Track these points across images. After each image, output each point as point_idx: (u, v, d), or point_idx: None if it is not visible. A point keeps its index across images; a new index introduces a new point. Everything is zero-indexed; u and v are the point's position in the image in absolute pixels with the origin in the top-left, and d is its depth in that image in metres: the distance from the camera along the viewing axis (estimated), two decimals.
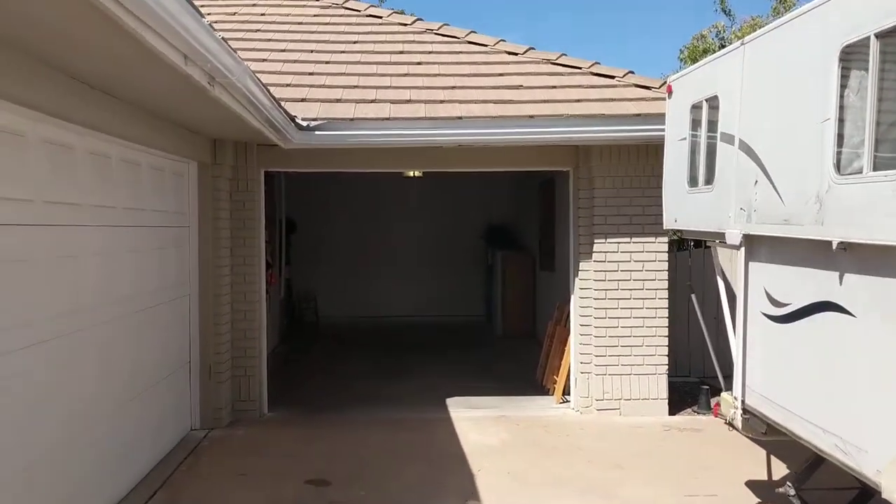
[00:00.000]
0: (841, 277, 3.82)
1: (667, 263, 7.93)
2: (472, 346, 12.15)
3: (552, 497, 5.69)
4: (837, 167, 3.76)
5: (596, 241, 7.83)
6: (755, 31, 12.94)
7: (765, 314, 4.70)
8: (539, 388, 8.97)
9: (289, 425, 7.50)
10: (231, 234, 7.64)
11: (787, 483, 4.86)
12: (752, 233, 4.76)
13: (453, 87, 7.95)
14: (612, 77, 8.27)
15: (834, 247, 3.73)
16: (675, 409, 8.02)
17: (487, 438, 7.04)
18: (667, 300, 7.89)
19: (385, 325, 14.23)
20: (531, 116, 7.25)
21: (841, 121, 3.77)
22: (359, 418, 7.74)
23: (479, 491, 5.74)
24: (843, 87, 3.75)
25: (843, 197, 3.70)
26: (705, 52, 13.84)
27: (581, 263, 7.97)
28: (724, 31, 14.28)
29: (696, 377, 9.46)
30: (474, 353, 11.50)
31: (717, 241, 5.59)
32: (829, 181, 3.79)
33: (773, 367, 4.63)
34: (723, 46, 13.81)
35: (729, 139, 5.06)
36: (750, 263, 4.89)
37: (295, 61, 8.57)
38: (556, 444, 6.98)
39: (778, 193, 4.38)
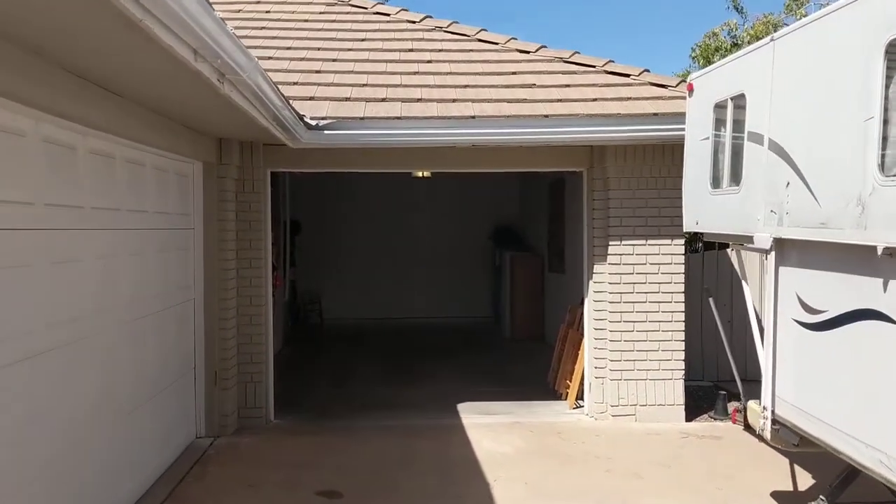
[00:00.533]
0: (885, 284, 3.63)
1: (683, 266, 7.74)
2: (481, 349, 11.96)
3: None
4: (882, 168, 3.57)
5: (611, 243, 7.64)
6: (768, 28, 12.77)
7: (797, 321, 4.51)
8: (551, 392, 8.78)
9: (297, 433, 7.31)
10: (237, 236, 7.44)
11: (821, 497, 4.68)
12: (783, 236, 4.56)
13: (465, 86, 7.76)
14: (628, 75, 8.07)
15: (879, 252, 3.54)
16: (691, 414, 7.83)
17: (501, 446, 6.85)
18: (683, 304, 7.71)
19: (391, 326, 14.04)
20: (546, 116, 7.05)
21: (886, 120, 3.58)
22: (368, 425, 7.55)
23: (496, 502, 5.56)
24: (888, 84, 3.56)
25: (890, 199, 3.51)
26: (717, 50, 13.62)
27: (595, 266, 7.78)
28: (737, 29, 14.06)
29: (709, 381, 9.30)
30: (483, 356, 11.32)
31: (743, 245, 5.41)
32: (874, 183, 3.60)
33: (807, 377, 4.44)
34: (735, 44, 13.63)
35: (757, 139, 4.87)
36: (780, 268, 4.70)
37: (302, 59, 8.38)
38: (572, 452, 6.79)
39: (814, 196, 4.19)
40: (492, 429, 7.37)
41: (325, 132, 6.87)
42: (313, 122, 6.80)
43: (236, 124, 6.06)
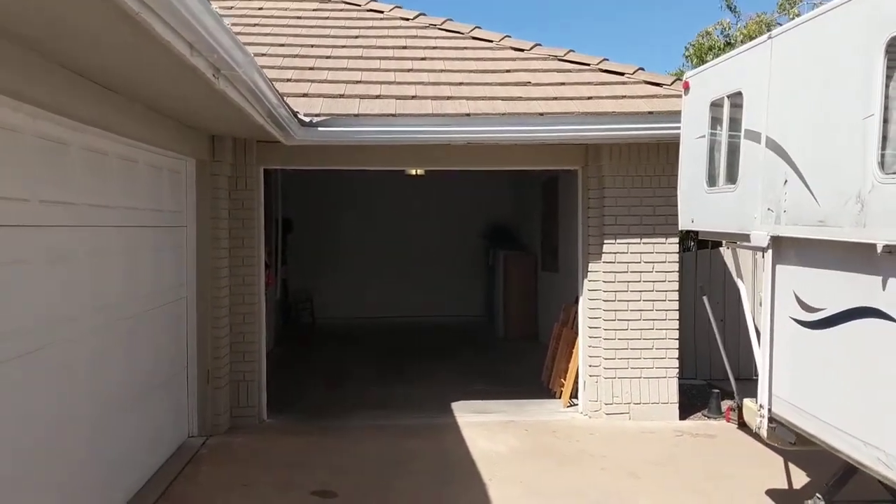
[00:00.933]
0: (885, 282, 3.62)
1: (677, 265, 7.74)
2: (475, 348, 11.94)
3: None
4: (882, 165, 3.56)
5: (605, 241, 7.63)
6: (761, 27, 12.76)
7: (795, 319, 4.50)
8: (545, 391, 8.77)
9: (289, 433, 7.26)
10: (230, 234, 7.39)
11: (817, 495, 4.67)
12: (781, 234, 4.55)
13: (460, 84, 7.73)
14: (622, 74, 8.06)
15: (878, 250, 3.53)
16: (684, 413, 7.84)
17: (496, 445, 6.83)
18: (677, 302, 7.71)
19: (384, 326, 13.99)
20: (541, 114, 7.03)
21: (886, 118, 3.57)
22: (362, 424, 7.51)
23: (493, 502, 5.53)
24: (888, 81, 3.55)
25: (890, 197, 3.50)
26: (711, 49, 13.64)
27: (590, 264, 7.76)
28: (730, 29, 14.09)
29: (702, 379, 9.30)
30: (477, 355, 11.29)
31: (739, 243, 5.41)
32: (873, 180, 3.59)
33: (804, 375, 4.44)
34: (728, 44, 13.64)
35: (755, 137, 4.86)
36: (777, 266, 4.68)
37: (295, 56, 8.33)
38: (567, 450, 6.78)
39: (812, 193, 4.18)
40: (487, 428, 7.34)
41: (319, 129, 6.83)
42: (307, 119, 6.75)
43: (230, 121, 6.01)
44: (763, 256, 4.82)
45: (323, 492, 5.73)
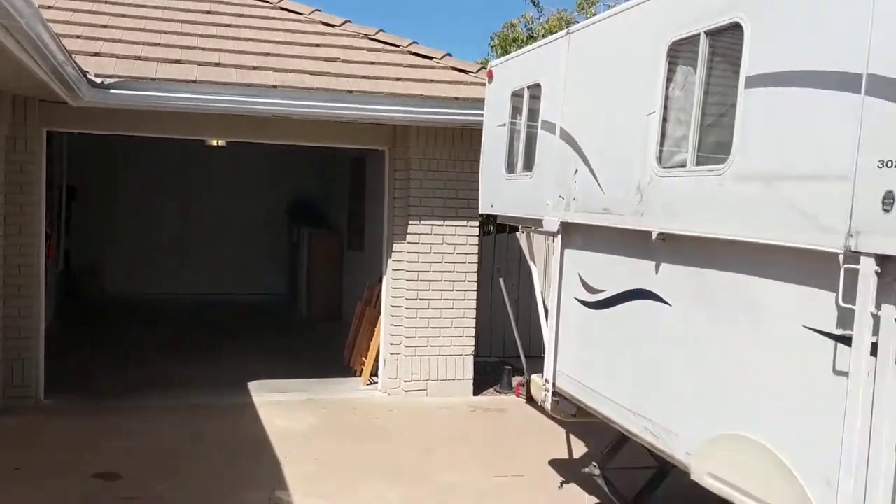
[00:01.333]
0: (657, 267, 3.95)
1: (477, 247, 8.04)
2: (275, 327, 11.72)
3: (362, 483, 5.56)
4: (660, 160, 3.88)
5: (410, 222, 7.77)
6: (561, 24, 13.41)
7: (579, 300, 4.82)
8: (346, 369, 8.80)
9: (70, 413, 6.80)
10: (5, 199, 6.77)
11: (593, 463, 5.03)
12: (570, 220, 4.84)
13: (267, 54, 7.51)
14: (431, 58, 8.21)
15: (653, 237, 3.84)
16: (478, 388, 8.18)
17: (294, 423, 6.78)
18: (476, 283, 8.01)
19: (179, 303, 13.33)
20: (350, 91, 7.01)
21: (665, 116, 3.89)
22: (151, 405, 7.17)
23: (287, 479, 5.49)
24: (669, 81, 3.87)
25: (665, 189, 3.82)
26: (515, 41, 14.20)
27: (395, 245, 7.88)
28: (533, 23, 14.77)
29: (496, 357, 9.72)
30: (278, 334, 11.09)
31: (533, 228, 5.69)
32: (651, 173, 3.90)
33: (585, 352, 4.76)
34: (531, 37, 14.26)
35: (550, 127, 5.12)
36: (566, 250, 4.98)
37: (87, 12, 7.73)
38: (366, 427, 6.86)
39: (598, 183, 4.48)
40: (285, 406, 7.27)
41: (112, 91, 6.39)
42: (98, 80, 6.29)
43: (9, 76, 5.47)
44: (553, 241, 5.11)
45: (106, 473, 5.43)
